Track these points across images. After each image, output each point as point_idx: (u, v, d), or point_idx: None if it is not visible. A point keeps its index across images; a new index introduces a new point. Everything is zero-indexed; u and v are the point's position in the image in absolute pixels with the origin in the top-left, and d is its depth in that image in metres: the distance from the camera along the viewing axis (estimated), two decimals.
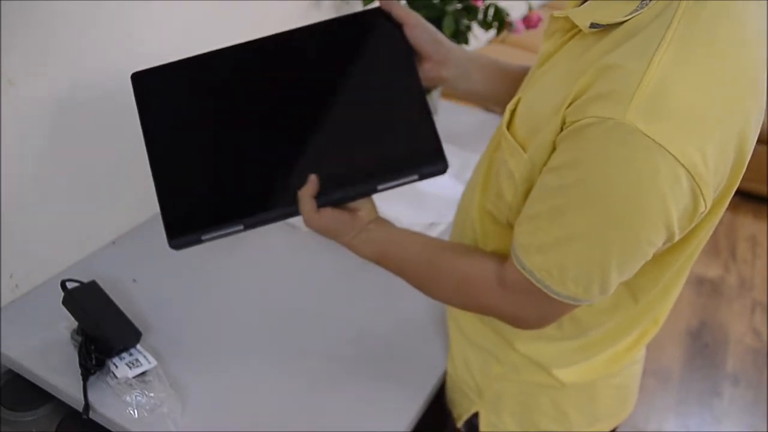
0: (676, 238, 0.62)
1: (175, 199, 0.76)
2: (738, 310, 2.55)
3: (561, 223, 0.62)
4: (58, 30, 0.90)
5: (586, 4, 0.64)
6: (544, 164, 0.65)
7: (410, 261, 0.78)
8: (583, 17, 0.63)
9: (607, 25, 0.60)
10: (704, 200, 0.58)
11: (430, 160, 0.75)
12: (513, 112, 0.71)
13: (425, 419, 0.92)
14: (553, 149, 0.63)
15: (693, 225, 0.63)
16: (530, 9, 1.53)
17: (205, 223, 0.75)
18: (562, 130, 0.61)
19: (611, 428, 0.92)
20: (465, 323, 0.89)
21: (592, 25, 0.61)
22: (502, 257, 0.73)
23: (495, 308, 0.73)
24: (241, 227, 0.75)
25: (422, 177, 0.76)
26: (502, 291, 0.71)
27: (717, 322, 2.48)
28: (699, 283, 2.65)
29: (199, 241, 0.76)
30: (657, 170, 0.55)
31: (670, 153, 0.54)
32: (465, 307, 0.80)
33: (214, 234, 0.75)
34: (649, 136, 0.54)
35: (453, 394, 0.95)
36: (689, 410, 2.13)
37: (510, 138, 0.69)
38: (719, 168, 0.58)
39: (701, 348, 2.37)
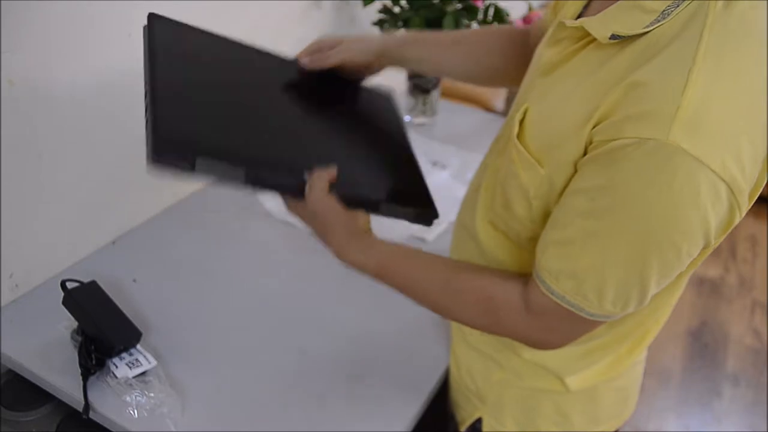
0: (712, 245, 0.62)
1: (174, 112, 0.67)
2: (738, 310, 2.55)
3: (595, 247, 0.60)
4: (58, 30, 0.90)
5: (601, 13, 0.62)
6: (565, 185, 0.63)
7: (421, 279, 0.76)
8: (600, 28, 0.61)
9: (629, 36, 0.59)
10: (740, 211, 0.58)
11: (425, 206, 0.83)
12: (521, 122, 0.69)
13: (425, 419, 0.92)
14: (575, 170, 0.62)
15: (727, 234, 0.62)
16: (530, 9, 1.54)
17: (204, 148, 0.65)
18: (586, 150, 0.60)
19: (613, 429, 0.92)
20: (467, 329, 0.89)
21: (613, 37, 0.59)
22: (524, 277, 0.71)
23: (521, 333, 0.71)
24: (242, 173, 0.68)
25: (417, 216, 0.82)
26: (528, 315, 0.68)
27: (717, 322, 2.49)
28: (699, 283, 2.65)
29: (188, 167, 0.64)
30: (698, 188, 0.54)
31: (712, 169, 0.53)
32: (488, 330, 0.77)
33: (210, 164, 0.65)
34: (692, 155, 0.53)
35: (456, 397, 0.95)
36: (689, 410, 2.13)
37: (523, 150, 0.67)
38: (752, 178, 0.58)
39: (701, 348, 2.37)
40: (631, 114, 0.55)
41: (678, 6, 0.57)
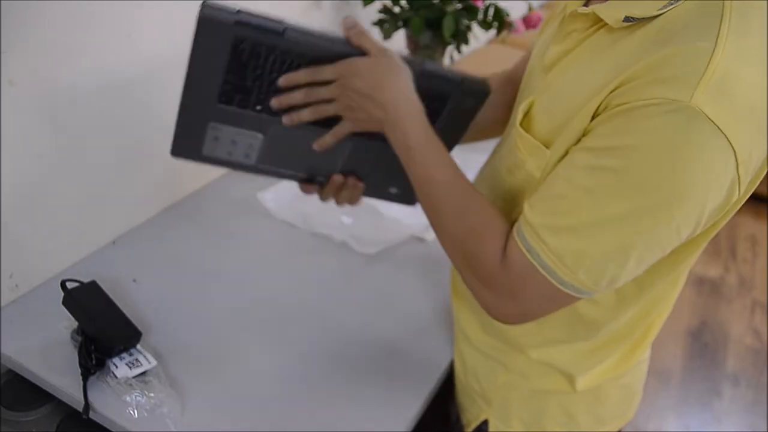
0: (696, 233, 0.61)
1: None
2: (738, 310, 2.55)
3: (589, 205, 0.59)
4: (58, 30, 0.90)
5: (609, 1, 0.63)
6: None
7: (447, 164, 0.72)
8: (612, 12, 0.62)
9: (641, 18, 0.60)
10: (738, 192, 0.58)
11: None
12: (526, 113, 0.69)
13: (425, 420, 0.92)
14: (582, 135, 0.61)
15: (715, 220, 0.62)
16: (530, 9, 1.53)
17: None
18: (596, 114, 0.59)
19: (617, 429, 0.92)
20: (471, 332, 0.89)
21: (626, 19, 0.60)
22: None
23: (487, 278, 0.67)
24: (282, 28, 0.72)
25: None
26: (501, 266, 0.66)
27: (717, 322, 2.49)
28: (699, 283, 2.65)
29: (235, 24, 0.70)
30: (712, 156, 0.54)
31: (728, 139, 0.53)
32: (460, 256, 0.71)
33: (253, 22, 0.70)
34: (713, 121, 0.53)
35: (462, 399, 0.94)
36: (689, 410, 2.13)
37: (526, 134, 0.67)
38: (758, 161, 0.58)
39: (701, 348, 2.37)
40: (657, 78, 0.55)
41: None
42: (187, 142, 0.82)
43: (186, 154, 0.83)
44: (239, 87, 0.77)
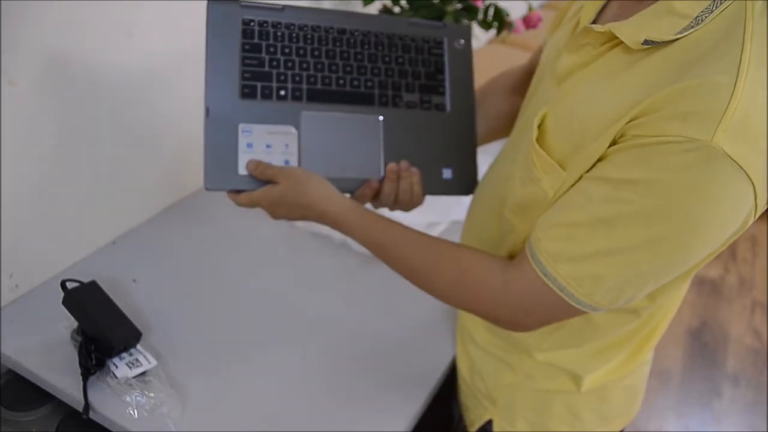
0: (717, 252, 0.62)
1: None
2: (738, 310, 2.55)
3: (606, 235, 0.59)
4: (58, 30, 0.90)
5: (632, 18, 0.61)
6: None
7: (404, 236, 0.74)
8: (631, 33, 0.60)
9: (661, 42, 0.59)
10: (754, 216, 0.58)
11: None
12: (539, 127, 0.68)
13: (425, 419, 0.92)
14: (598, 160, 0.61)
15: (731, 241, 0.62)
16: (530, 9, 1.53)
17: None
18: (614, 142, 0.59)
19: (620, 428, 0.92)
20: (476, 332, 0.89)
21: (646, 42, 0.59)
22: (506, 258, 0.71)
23: (492, 311, 0.70)
24: (281, 6, 0.82)
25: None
26: (505, 294, 0.67)
27: (717, 322, 2.49)
28: (699, 283, 2.65)
29: (241, 7, 0.81)
30: (732, 192, 0.55)
31: (748, 174, 0.54)
32: (460, 302, 0.75)
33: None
34: (734, 159, 0.53)
35: (465, 399, 0.94)
36: (689, 410, 2.13)
37: (544, 154, 0.67)
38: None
39: (701, 348, 2.37)
40: (676, 113, 0.55)
41: (712, 12, 0.57)
42: (220, 162, 0.79)
43: (221, 179, 0.79)
44: (258, 74, 0.81)
